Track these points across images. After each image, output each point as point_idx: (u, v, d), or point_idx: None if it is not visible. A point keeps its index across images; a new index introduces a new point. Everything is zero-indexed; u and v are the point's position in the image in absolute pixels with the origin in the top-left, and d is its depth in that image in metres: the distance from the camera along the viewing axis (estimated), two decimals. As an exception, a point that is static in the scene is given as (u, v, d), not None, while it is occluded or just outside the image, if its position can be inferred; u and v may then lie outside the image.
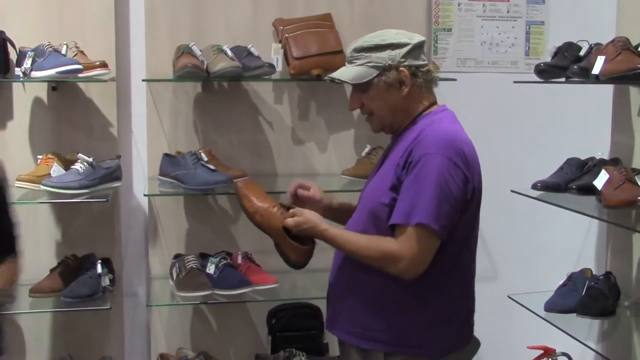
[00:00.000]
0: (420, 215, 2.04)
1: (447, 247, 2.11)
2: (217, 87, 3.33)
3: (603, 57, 2.59)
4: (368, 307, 2.20)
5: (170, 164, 3.15)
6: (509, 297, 3.21)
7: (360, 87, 2.21)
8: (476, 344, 2.32)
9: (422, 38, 2.21)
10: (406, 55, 2.16)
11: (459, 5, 3.62)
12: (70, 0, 3.15)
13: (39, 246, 3.22)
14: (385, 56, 2.16)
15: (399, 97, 2.19)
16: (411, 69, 2.17)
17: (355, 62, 2.20)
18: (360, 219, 2.23)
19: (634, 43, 2.64)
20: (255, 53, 3.16)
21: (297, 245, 2.28)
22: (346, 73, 2.22)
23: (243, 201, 2.34)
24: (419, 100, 2.23)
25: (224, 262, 3.13)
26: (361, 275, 2.20)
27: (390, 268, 2.11)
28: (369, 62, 2.17)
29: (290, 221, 2.24)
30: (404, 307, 2.17)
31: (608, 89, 3.23)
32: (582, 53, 2.91)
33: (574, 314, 2.90)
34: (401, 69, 2.16)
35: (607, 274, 3.05)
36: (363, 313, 2.21)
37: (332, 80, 2.28)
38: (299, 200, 2.42)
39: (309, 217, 2.25)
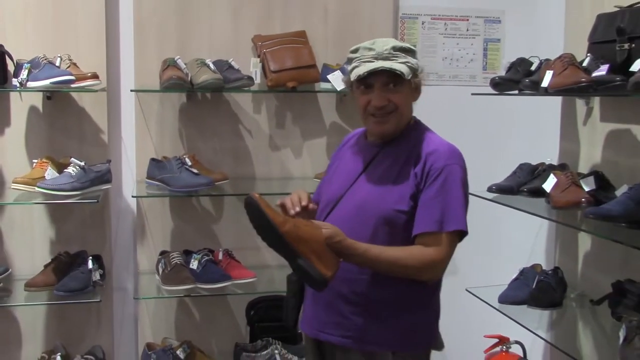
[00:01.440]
0: (456, 222, 2.05)
1: None
2: (200, 97, 3.31)
3: (551, 72, 2.60)
4: (377, 313, 2.11)
5: (156, 168, 3.13)
6: (467, 290, 3.21)
7: (393, 85, 2.09)
8: (439, 339, 2.29)
9: None
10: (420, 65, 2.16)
11: (422, 23, 3.63)
12: (64, 15, 3.12)
13: (33, 244, 3.19)
14: (415, 61, 2.13)
15: (413, 100, 2.19)
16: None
17: (395, 60, 2.08)
18: (363, 223, 2.08)
19: (579, 59, 2.65)
20: (236, 66, 3.15)
21: (335, 257, 1.95)
22: (399, 67, 2.06)
23: (267, 211, 1.90)
24: (412, 110, 2.23)
25: (206, 258, 3.12)
26: (369, 283, 2.09)
27: (427, 275, 2.08)
28: (407, 62, 2.09)
29: (328, 231, 1.94)
30: (409, 310, 2.12)
31: (556, 100, 3.25)
32: (533, 68, 2.92)
33: (525, 306, 2.91)
34: (421, 76, 2.16)
35: (555, 269, 3.06)
36: (372, 319, 2.11)
37: (387, 70, 2.06)
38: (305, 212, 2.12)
39: (337, 229, 1.98)
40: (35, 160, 3.02)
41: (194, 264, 3.09)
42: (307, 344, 2.32)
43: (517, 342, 3.32)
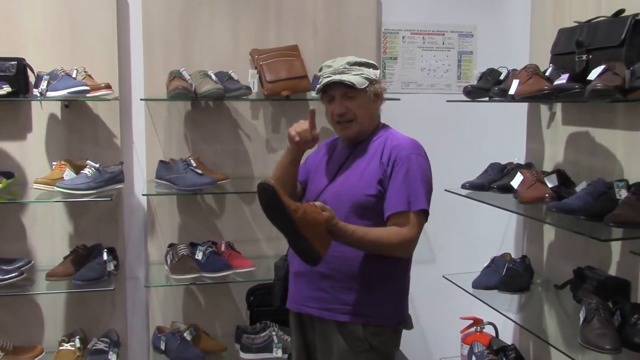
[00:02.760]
0: (421, 202, 2.11)
1: None
2: (203, 105, 3.31)
3: (517, 81, 2.61)
4: (349, 285, 2.16)
5: (164, 169, 3.13)
6: (443, 276, 3.22)
7: (349, 94, 2.19)
8: (410, 318, 2.32)
9: None
10: (379, 76, 2.24)
11: (403, 38, 3.64)
12: (79, 31, 3.12)
13: (54, 238, 3.18)
14: (372, 72, 2.21)
15: (375, 108, 2.26)
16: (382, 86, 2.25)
17: (349, 73, 2.18)
18: (337, 210, 2.06)
19: (542, 69, 2.66)
20: (235, 77, 3.15)
21: (329, 238, 2.01)
22: (351, 79, 2.16)
23: (283, 198, 1.91)
24: (378, 115, 2.31)
25: (210, 249, 3.12)
26: (343, 260, 2.16)
27: (402, 252, 2.14)
28: (362, 74, 2.18)
29: (327, 215, 1.99)
30: (378, 284, 2.17)
31: (522, 106, 3.26)
32: (501, 77, 2.92)
33: (496, 291, 2.91)
34: (380, 84, 2.24)
35: (523, 257, 3.07)
36: (345, 291, 2.17)
37: (340, 82, 2.15)
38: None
39: (334, 213, 2.03)
40: (55, 163, 3.01)
41: (199, 255, 3.09)
42: (291, 319, 2.37)
43: (490, 323, 3.35)
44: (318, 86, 2.24)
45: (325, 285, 2.20)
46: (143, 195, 3.20)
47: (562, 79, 2.51)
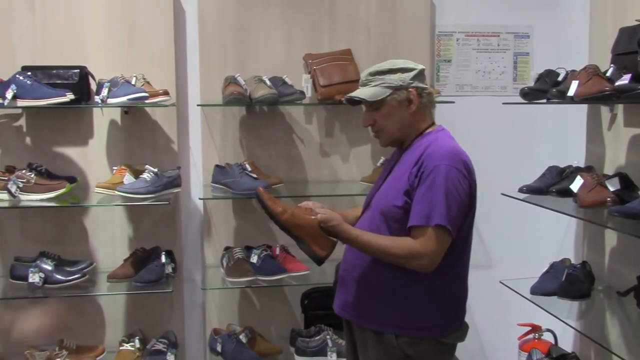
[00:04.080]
0: (439, 217, 2.00)
1: (452, 244, 2.07)
2: (258, 110, 3.34)
3: (577, 82, 2.55)
4: (382, 295, 2.13)
5: (220, 173, 3.16)
6: (500, 282, 3.16)
7: (374, 106, 2.15)
8: (466, 327, 2.26)
9: (424, 66, 2.20)
10: (414, 78, 2.13)
11: (457, 40, 3.59)
12: (138, 40, 3.19)
13: (114, 240, 3.25)
14: (396, 78, 2.12)
15: (407, 114, 2.15)
16: (417, 89, 2.14)
17: (370, 84, 2.15)
18: (372, 219, 2.14)
19: (602, 70, 2.59)
20: (289, 82, 3.17)
21: (329, 239, 2.08)
22: (363, 92, 2.16)
23: (268, 203, 2.10)
24: (423, 118, 2.19)
25: (265, 253, 3.14)
26: (375, 268, 2.12)
27: (411, 264, 2.05)
28: (382, 83, 2.12)
29: (322, 217, 2.06)
30: (413, 295, 2.11)
31: (582, 108, 3.18)
32: (560, 78, 2.86)
33: (556, 297, 2.84)
34: (410, 89, 2.13)
35: (584, 263, 2.99)
36: (378, 300, 2.14)
37: (351, 99, 2.21)
38: None
39: (334, 214, 2.10)
40: (115, 167, 3.08)
41: (254, 258, 3.11)
42: (343, 322, 2.36)
43: (548, 330, 3.27)
44: (343, 101, 2.28)
45: (360, 293, 2.17)
46: (199, 199, 3.25)
47: (624, 80, 2.44)
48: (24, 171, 2.89)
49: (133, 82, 2.96)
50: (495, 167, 3.42)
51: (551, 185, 2.90)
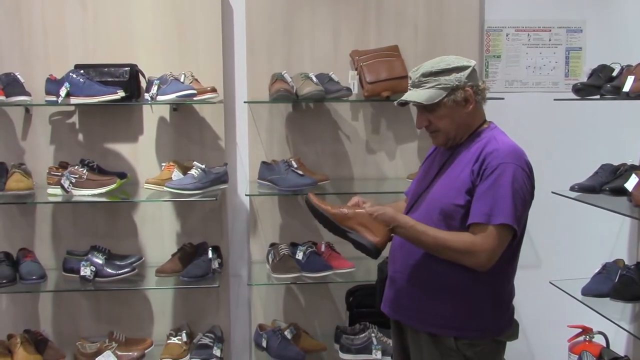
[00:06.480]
0: (503, 216, 1.96)
1: (511, 243, 2.03)
2: (304, 107, 3.34)
3: (632, 77, 2.48)
4: (439, 296, 2.08)
5: (266, 170, 3.17)
6: (550, 282, 3.09)
7: (428, 107, 2.09)
8: (517, 325, 2.22)
9: (475, 62, 2.14)
10: (469, 77, 2.08)
11: (507, 35, 3.52)
12: (186, 38, 3.22)
13: (163, 236, 3.30)
14: (452, 78, 2.07)
15: (464, 113, 2.10)
16: (474, 88, 2.09)
17: (424, 86, 2.09)
18: (429, 218, 2.07)
19: (660, 64, 2.51)
20: (336, 79, 3.16)
21: (383, 226, 2.01)
22: (418, 95, 2.09)
23: (322, 206, 2.07)
24: (478, 116, 2.15)
25: (310, 250, 3.14)
26: (431, 268, 2.08)
27: (468, 260, 2.00)
28: (438, 85, 2.07)
29: (371, 208, 2.02)
30: (472, 295, 2.07)
31: (636, 104, 3.07)
32: (614, 74, 2.79)
33: (608, 298, 2.77)
34: (466, 88, 2.08)
35: (638, 264, 2.91)
36: (434, 302, 2.09)
37: (405, 103, 2.16)
38: None
39: (385, 207, 2.06)
40: (164, 164, 3.12)
41: (299, 255, 3.11)
42: (391, 322, 2.33)
43: (600, 333, 3.18)
44: (395, 102, 2.21)
45: (415, 295, 2.13)
46: (246, 195, 3.27)
47: (683, 75, 2.35)
48: (76, 167, 2.96)
49: (182, 80, 3.00)
50: (545, 164, 3.31)
51: (604, 184, 2.83)
